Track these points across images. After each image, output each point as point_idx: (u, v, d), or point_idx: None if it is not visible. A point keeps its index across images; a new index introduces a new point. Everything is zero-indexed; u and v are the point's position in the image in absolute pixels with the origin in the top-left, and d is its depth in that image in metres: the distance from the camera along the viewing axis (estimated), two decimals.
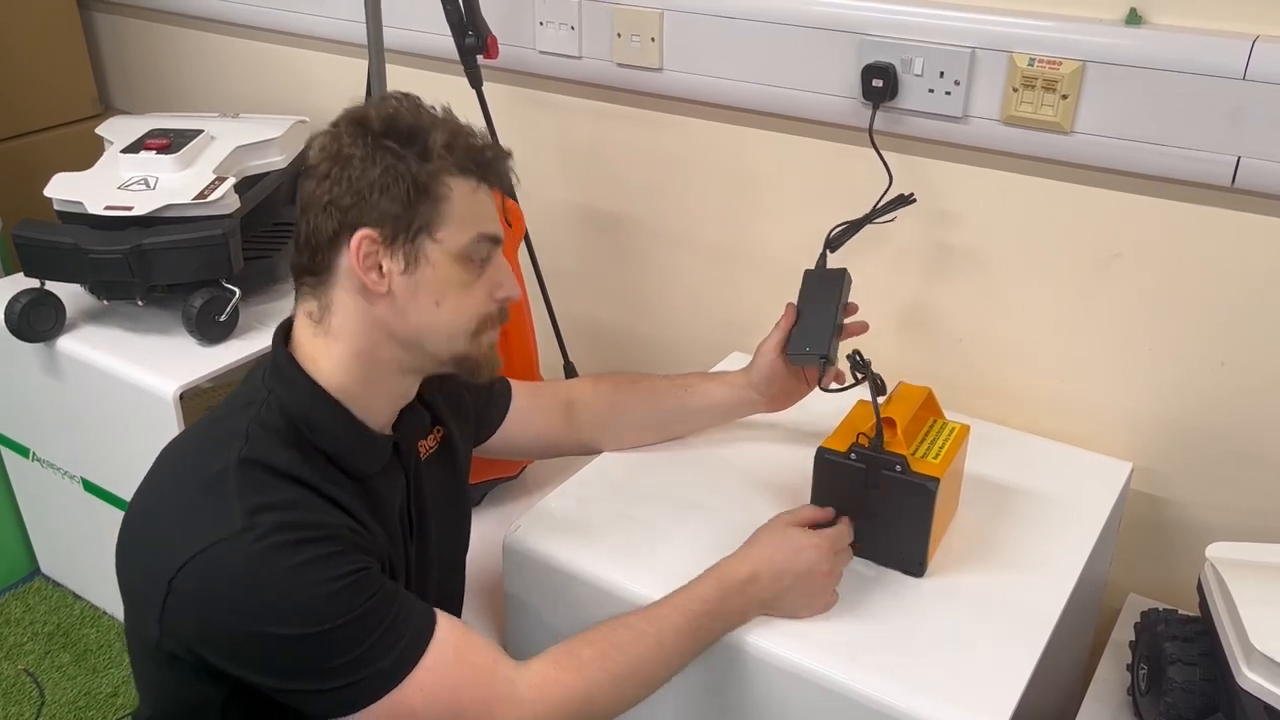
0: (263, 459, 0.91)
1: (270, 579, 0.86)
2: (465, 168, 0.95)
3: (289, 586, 0.86)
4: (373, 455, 0.99)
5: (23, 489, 1.92)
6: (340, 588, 0.87)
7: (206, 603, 0.87)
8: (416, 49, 1.78)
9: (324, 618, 0.86)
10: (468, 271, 0.96)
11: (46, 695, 1.78)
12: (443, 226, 0.94)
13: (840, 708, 1.00)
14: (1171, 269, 1.28)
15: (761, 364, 1.25)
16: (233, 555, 0.86)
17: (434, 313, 0.96)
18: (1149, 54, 1.19)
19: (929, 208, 1.41)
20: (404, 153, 0.92)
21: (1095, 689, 1.22)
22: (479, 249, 0.96)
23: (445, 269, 0.95)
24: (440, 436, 1.13)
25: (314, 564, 0.87)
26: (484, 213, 0.97)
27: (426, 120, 0.95)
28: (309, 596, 0.86)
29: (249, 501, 0.88)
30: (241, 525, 0.86)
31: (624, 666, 0.97)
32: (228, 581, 0.86)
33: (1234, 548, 1.09)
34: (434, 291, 0.95)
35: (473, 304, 0.98)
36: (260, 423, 0.94)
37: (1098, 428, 1.39)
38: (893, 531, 1.10)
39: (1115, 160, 1.26)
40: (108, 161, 1.69)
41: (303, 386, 0.96)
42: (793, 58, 1.42)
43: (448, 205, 0.94)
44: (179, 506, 0.92)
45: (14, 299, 1.58)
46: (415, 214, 0.93)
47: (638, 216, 1.70)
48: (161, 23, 2.21)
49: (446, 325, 0.97)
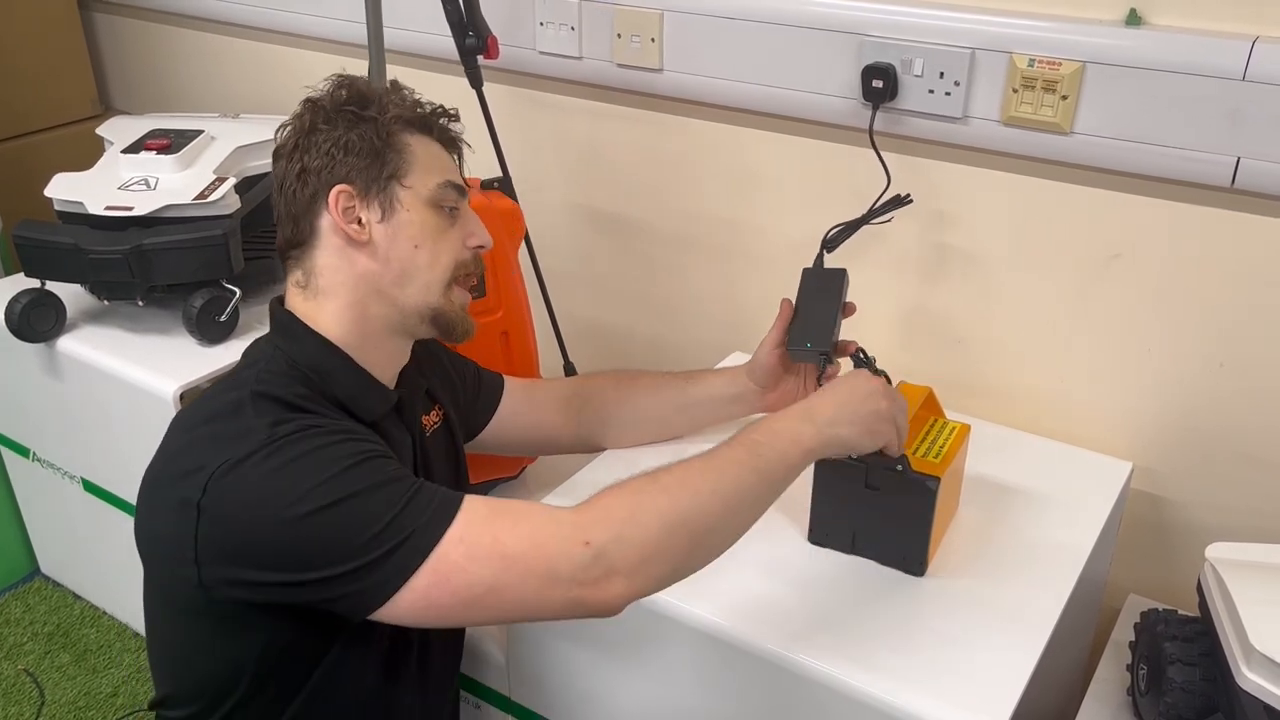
0: (276, 393, 0.94)
1: (298, 464, 0.88)
2: (416, 123, 1.03)
3: (317, 465, 0.88)
4: (380, 400, 1.03)
5: (23, 489, 1.92)
6: (362, 459, 0.89)
7: (239, 512, 0.87)
8: (417, 49, 1.78)
9: (350, 483, 0.87)
10: (440, 217, 1.03)
11: (46, 695, 1.78)
12: (410, 174, 1.01)
13: (840, 707, 1.00)
14: (1171, 269, 1.28)
15: (761, 359, 1.26)
16: (254, 457, 0.88)
17: (413, 256, 1.01)
18: (1149, 55, 1.19)
19: (929, 208, 1.41)
20: (361, 114, 1.01)
21: (1095, 689, 1.23)
22: (446, 195, 1.03)
23: (419, 213, 1.01)
24: (442, 415, 1.16)
25: (335, 445, 0.90)
26: (445, 163, 1.05)
27: (374, 88, 1.04)
28: (334, 469, 0.87)
29: (269, 419, 0.91)
30: (266, 437, 0.89)
31: (684, 491, 0.90)
32: (257, 483, 0.87)
33: (1234, 548, 1.09)
34: (412, 235, 1.01)
35: (449, 249, 1.03)
36: (270, 369, 0.97)
37: (1098, 428, 1.39)
38: (893, 531, 1.11)
39: (1115, 161, 1.26)
40: (108, 162, 1.69)
41: (308, 338, 1.00)
42: (793, 58, 1.42)
43: (410, 154, 1.02)
44: (197, 442, 0.93)
45: (14, 299, 1.58)
46: (383, 164, 1.00)
47: (638, 217, 1.70)
48: (161, 23, 2.21)
49: (425, 270, 1.02)
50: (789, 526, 1.19)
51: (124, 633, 1.87)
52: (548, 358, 1.59)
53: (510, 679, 1.29)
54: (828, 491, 1.13)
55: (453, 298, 1.04)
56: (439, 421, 1.16)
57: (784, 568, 1.13)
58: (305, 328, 1.01)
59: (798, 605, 1.08)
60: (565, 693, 1.23)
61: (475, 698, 1.35)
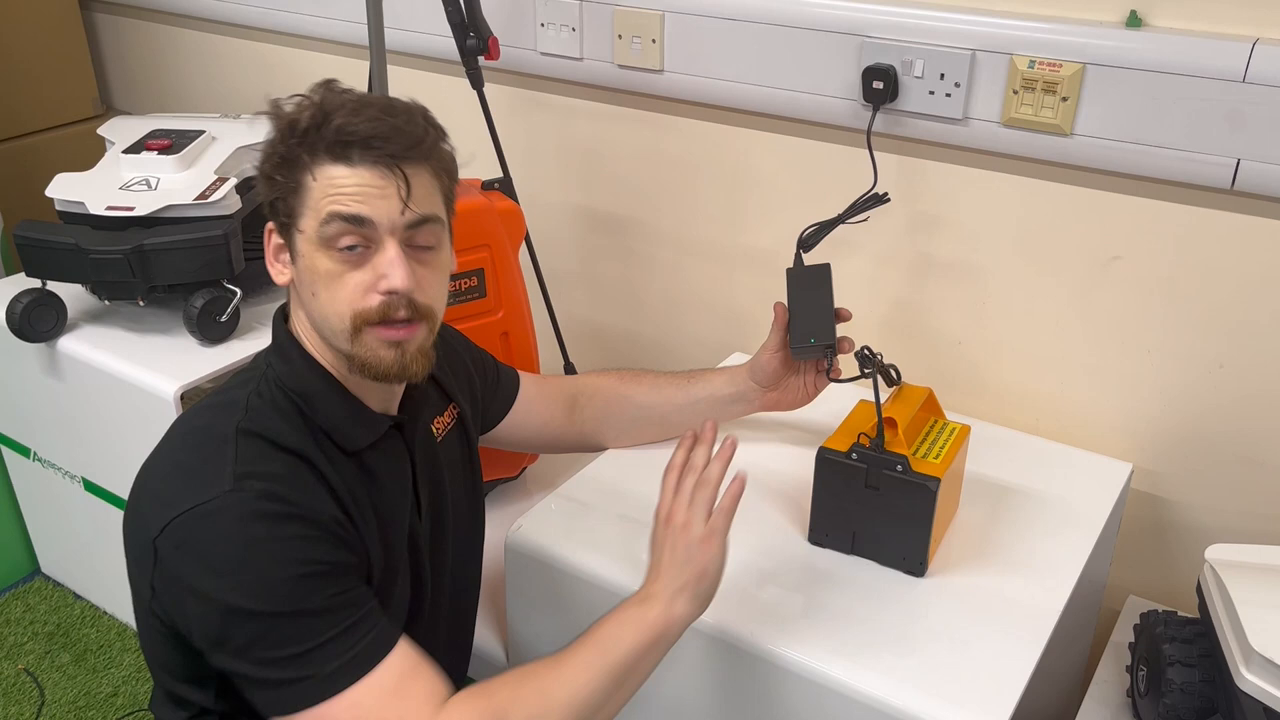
0: (259, 429, 0.92)
1: (242, 546, 0.86)
2: (320, 151, 0.90)
3: (258, 558, 0.86)
4: (364, 429, 0.99)
5: (23, 489, 1.92)
6: (307, 574, 0.87)
7: (184, 571, 0.88)
8: (418, 50, 1.78)
9: (281, 600, 0.86)
10: (333, 260, 0.91)
11: (46, 695, 1.78)
12: (303, 215, 0.92)
13: (840, 707, 1.00)
14: (1171, 271, 1.28)
15: (762, 362, 1.26)
16: (213, 517, 0.87)
17: (314, 306, 0.94)
18: (1149, 56, 1.19)
19: (929, 210, 1.41)
20: (275, 147, 0.93)
21: (1094, 690, 1.23)
22: (333, 232, 0.90)
23: (311, 259, 0.92)
24: (456, 413, 1.14)
25: (288, 542, 0.87)
26: (343, 193, 0.89)
27: (310, 105, 0.92)
28: (274, 575, 0.86)
29: (239, 468, 0.89)
30: (228, 488, 0.87)
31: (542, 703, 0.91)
32: (204, 543, 0.87)
33: (1233, 550, 1.10)
34: (308, 284, 0.93)
35: (344, 296, 0.91)
36: (259, 394, 0.95)
37: (1098, 429, 1.39)
38: (893, 531, 1.11)
39: (1115, 162, 1.26)
40: (109, 162, 1.69)
41: (298, 361, 0.98)
42: (793, 60, 1.42)
43: (304, 193, 0.91)
44: (173, 472, 0.93)
45: (15, 299, 1.58)
46: (282, 205, 0.93)
47: (638, 218, 1.70)
48: (163, 23, 2.22)
49: (324, 318, 0.93)
50: (789, 527, 1.19)
51: (124, 632, 1.87)
52: (547, 357, 1.59)
53: None
54: (828, 492, 1.13)
55: (366, 342, 0.92)
56: (453, 421, 1.13)
57: (784, 568, 1.13)
58: (297, 348, 0.98)
59: (798, 605, 1.09)
60: None
61: None
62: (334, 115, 0.90)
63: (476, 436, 1.19)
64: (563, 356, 1.69)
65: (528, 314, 1.50)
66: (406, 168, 0.91)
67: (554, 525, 1.20)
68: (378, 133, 0.90)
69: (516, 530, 1.19)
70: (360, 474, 0.98)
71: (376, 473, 1.00)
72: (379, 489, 1.00)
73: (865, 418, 1.13)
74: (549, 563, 1.16)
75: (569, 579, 1.15)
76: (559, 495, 1.25)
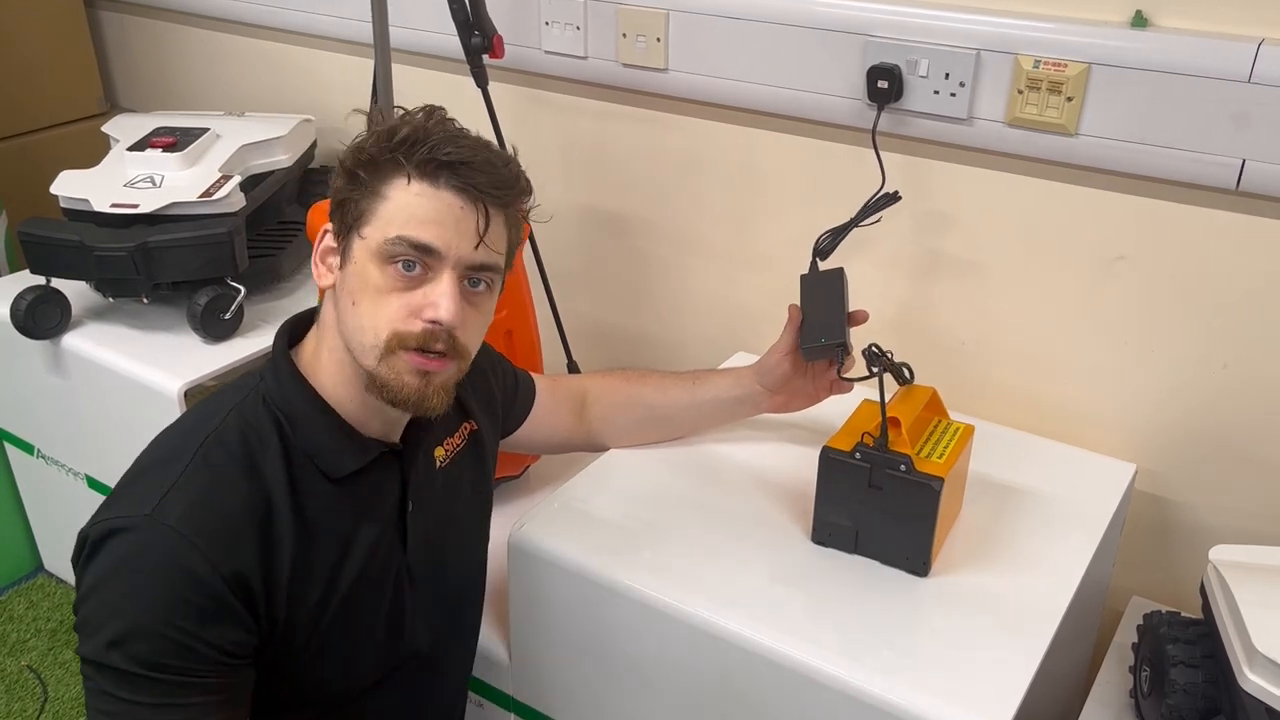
0: (220, 453, 0.91)
1: (126, 578, 0.86)
2: (414, 165, 0.89)
3: (138, 606, 0.86)
4: (351, 455, 0.97)
5: (27, 486, 1.92)
6: (174, 642, 0.85)
7: (87, 568, 0.89)
8: (422, 48, 1.78)
9: (135, 655, 0.85)
10: (386, 276, 0.90)
11: (50, 691, 1.78)
12: (370, 223, 0.91)
13: (842, 707, 1.00)
14: (1176, 271, 1.28)
15: (770, 364, 1.25)
16: (118, 537, 0.88)
17: (350, 314, 0.92)
18: (1154, 57, 1.19)
19: (933, 209, 1.41)
20: (366, 146, 0.92)
21: (1097, 691, 1.23)
22: (398, 251, 0.89)
23: (363, 267, 0.91)
24: (469, 432, 1.12)
25: (173, 605, 0.86)
26: (420, 216, 0.89)
27: (412, 121, 0.92)
28: (143, 628, 0.85)
29: (172, 493, 0.88)
30: (146, 512, 0.87)
31: None
32: (104, 557, 0.88)
33: (1237, 550, 1.10)
34: (352, 291, 0.92)
35: (385, 313, 0.90)
36: (240, 412, 0.94)
37: (1101, 429, 1.39)
38: (896, 531, 1.11)
39: (1120, 162, 1.26)
40: (114, 159, 1.69)
41: (288, 380, 0.96)
42: (798, 59, 1.42)
43: (379, 200, 0.90)
44: (127, 477, 0.94)
45: (19, 296, 1.58)
46: (351, 206, 0.92)
47: (643, 216, 1.70)
48: (167, 21, 2.22)
49: (358, 330, 0.91)
50: (792, 526, 1.19)
51: None
52: (551, 356, 1.60)
53: (514, 678, 1.29)
54: (831, 491, 1.13)
55: (395, 365, 0.91)
56: (463, 442, 1.11)
57: (787, 567, 1.13)
58: (290, 367, 0.96)
59: (800, 605, 1.09)
60: (568, 692, 1.23)
61: (479, 696, 1.35)
62: (433, 134, 0.90)
63: (493, 452, 1.18)
64: (566, 355, 1.69)
65: (531, 313, 1.50)
66: (490, 205, 0.91)
67: (557, 524, 1.20)
68: (471, 162, 0.90)
69: (519, 529, 1.19)
70: (341, 503, 0.97)
71: (358, 503, 0.98)
72: (359, 520, 0.98)
73: (869, 417, 1.13)
74: (551, 561, 1.16)
75: (571, 577, 1.15)
76: (562, 494, 1.25)
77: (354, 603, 0.98)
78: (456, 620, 1.15)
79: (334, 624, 0.97)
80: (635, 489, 1.26)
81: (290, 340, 1.00)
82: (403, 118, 0.93)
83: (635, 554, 1.15)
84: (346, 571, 0.97)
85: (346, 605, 0.97)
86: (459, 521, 1.11)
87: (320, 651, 0.97)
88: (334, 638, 0.97)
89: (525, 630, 1.24)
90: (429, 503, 1.06)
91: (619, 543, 1.17)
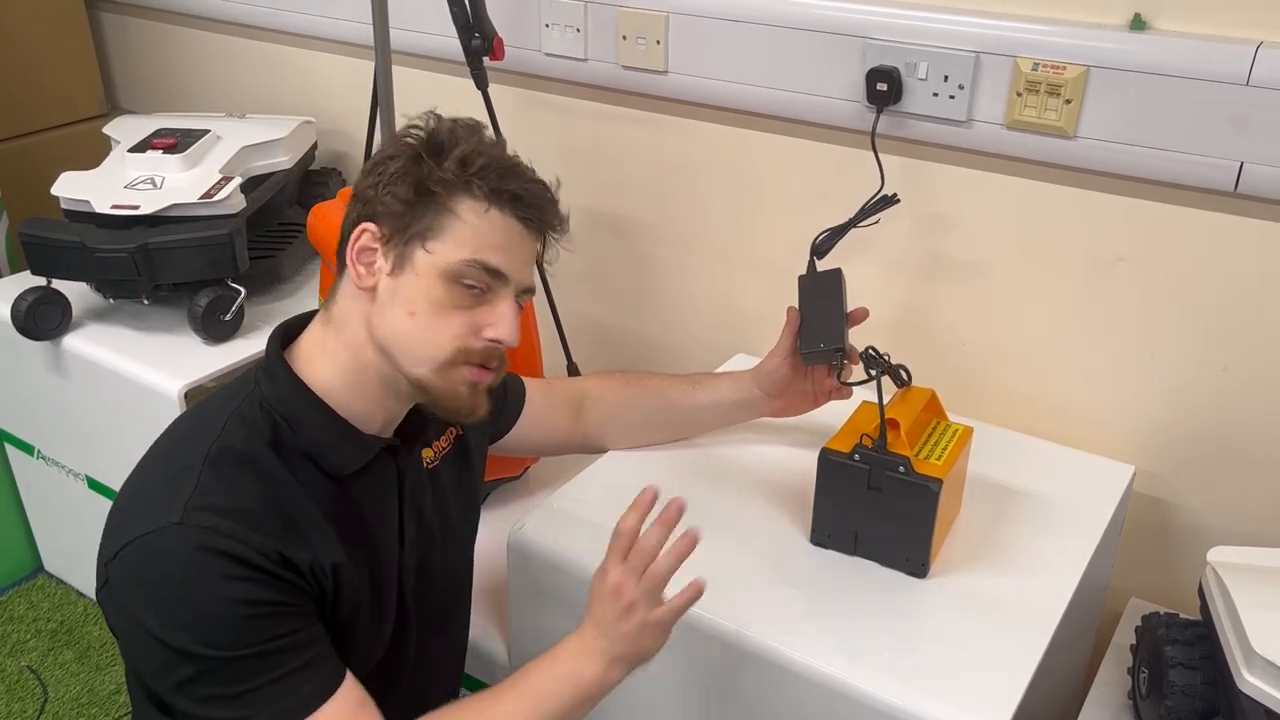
0: (228, 458, 0.91)
1: (184, 583, 0.86)
2: (488, 191, 0.93)
3: (198, 597, 0.86)
4: (352, 453, 0.98)
5: (27, 486, 1.92)
6: (249, 615, 0.86)
7: (129, 593, 0.88)
8: (423, 50, 1.78)
9: (220, 642, 0.85)
10: (453, 293, 0.93)
11: (49, 692, 1.78)
12: (438, 239, 0.93)
13: (841, 708, 1.00)
14: (1174, 273, 1.29)
15: (769, 367, 1.26)
16: (156, 550, 0.87)
17: (406, 323, 0.93)
18: (1153, 59, 1.19)
19: (932, 211, 1.42)
20: (427, 160, 0.93)
21: (1096, 692, 1.23)
22: (470, 273, 0.92)
23: (429, 282, 0.93)
24: (454, 436, 1.13)
25: (231, 583, 0.86)
26: (492, 241, 0.93)
27: (467, 138, 0.95)
28: (214, 615, 0.85)
29: (194, 499, 0.88)
30: (175, 520, 0.87)
31: None
32: (148, 576, 0.87)
33: (1235, 552, 1.10)
34: (410, 301, 0.93)
35: (449, 329, 0.93)
36: (240, 417, 0.94)
37: (1100, 431, 1.39)
38: (895, 532, 1.11)
39: (1118, 165, 1.26)
40: (114, 161, 1.69)
41: (285, 383, 0.96)
42: (797, 61, 1.42)
43: (451, 219, 0.93)
44: (136, 493, 0.93)
45: (20, 297, 1.58)
46: (414, 218, 0.93)
47: (642, 218, 1.70)
48: (168, 23, 2.22)
49: (416, 342, 0.93)
50: (791, 527, 1.19)
51: None
52: (551, 358, 1.60)
53: None
54: (830, 493, 1.13)
55: (452, 377, 0.95)
56: (449, 446, 1.12)
57: (786, 569, 1.13)
58: (286, 370, 0.96)
59: (799, 606, 1.09)
60: None
61: None
62: (500, 161, 0.95)
63: (481, 456, 1.18)
64: (566, 357, 1.69)
65: (531, 315, 1.51)
66: (545, 238, 1.00)
67: (556, 525, 1.20)
68: (538, 198, 0.96)
69: (519, 530, 1.19)
70: (344, 503, 0.97)
71: (362, 501, 0.99)
72: (364, 519, 0.99)
73: (868, 419, 1.13)
74: (551, 562, 1.17)
75: (571, 578, 1.15)
76: (561, 495, 1.25)
77: (359, 601, 0.98)
78: (445, 623, 1.15)
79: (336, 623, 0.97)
80: (634, 490, 1.25)
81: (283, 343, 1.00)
82: (470, 138, 0.95)
83: None
84: (349, 571, 0.97)
85: (350, 605, 0.98)
86: (445, 524, 1.11)
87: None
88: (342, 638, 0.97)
89: (524, 631, 1.24)
90: (420, 503, 1.06)
91: None
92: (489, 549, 1.22)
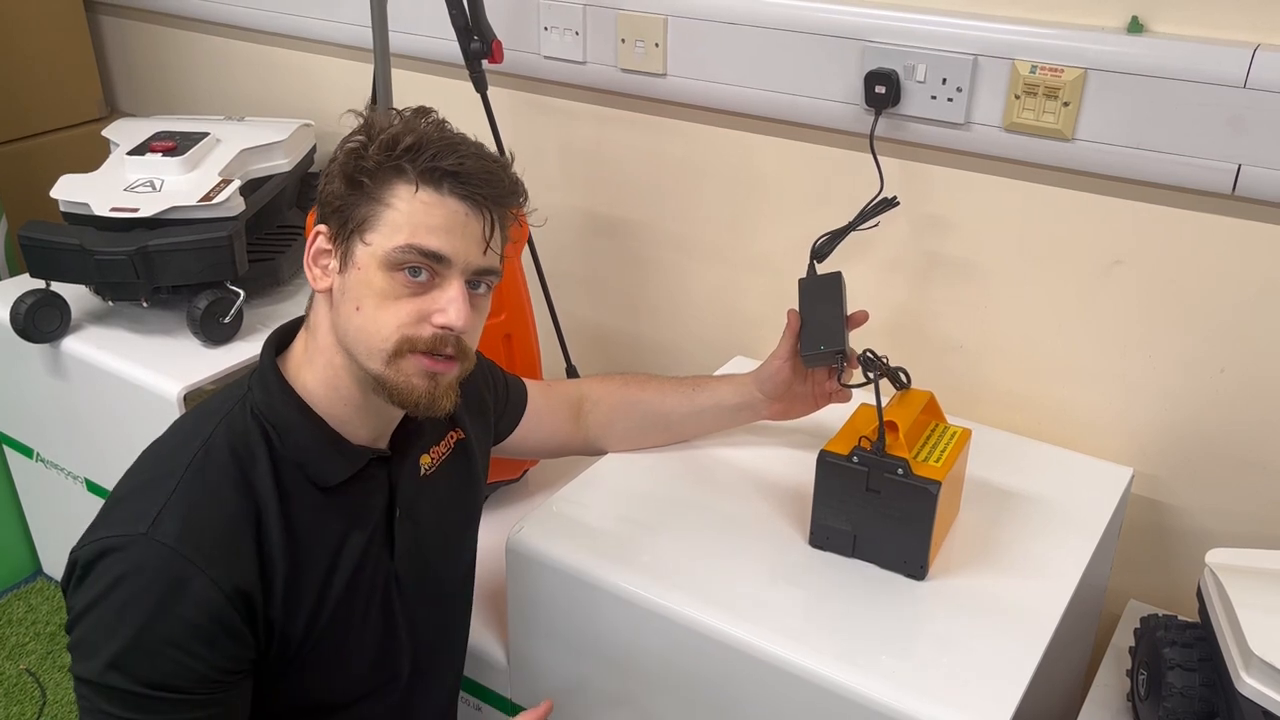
0: (213, 466, 0.91)
1: (125, 606, 0.86)
2: (418, 173, 0.90)
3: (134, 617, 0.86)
4: (340, 463, 0.97)
5: (26, 489, 1.92)
6: (171, 659, 0.86)
7: (80, 588, 0.88)
8: (422, 53, 1.78)
9: (131, 670, 0.85)
10: (394, 282, 0.90)
11: (48, 695, 1.78)
12: (374, 229, 0.90)
13: (840, 710, 1.00)
14: (1172, 275, 1.29)
15: (769, 369, 1.26)
16: (113, 556, 0.87)
17: (355, 319, 0.92)
18: (1151, 62, 1.19)
19: (930, 214, 1.42)
20: (365, 151, 0.91)
21: (1095, 694, 1.23)
22: (406, 258, 0.89)
23: (369, 274, 0.90)
24: (455, 440, 1.12)
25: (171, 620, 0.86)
26: (427, 223, 0.90)
27: (413, 128, 0.92)
28: (140, 646, 0.85)
29: (166, 510, 0.88)
30: (141, 530, 0.87)
31: None
32: (100, 578, 0.87)
33: (1234, 554, 1.10)
34: (357, 297, 0.91)
35: (392, 318, 0.90)
36: (230, 425, 0.94)
37: (1099, 433, 1.39)
38: (894, 534, 1.11)
39: (1116, 167, 1.26)
40: (114, 163, 1.69)
41: (276, 391, 0.96)
42: (796, 64, 1.43)
43: (381, 207, 0.90)
44: (118, 496, 0.94)
45: (19, 299, 1.58)
46: (350, 212, 0.92)
47: (641, 221, 1.70)
48: (167, 26, 2.22)
49: (363, 336, 0.91)
50: (790, 530, 1.19)
51: None
52: (550, 360, 1.60)
53: (511, 681, 1.29)
54: (829, 495, 1.13)
55: (404, 368, 0.92)
56: (449, 451, 1.11)
57: (785, 571, 1.13)
58: (277, 377, 0.96)
59: (798, 608, 1.09)
60: (566, 695, 1.23)
61: (477, 700, 1.35)
62: (434, 140, 0.91)
63: (484, 459, 1.18)
64: (565, 359, 1.69)
65: (530, 317, 1.51)
66: (495, 213, 0.93)
67: (554, 527, 1.20)
68: (478, 172, 0.91)
69: (517, 532, 1.19)
70: (330, 512, 0.97)
71: (350, 510, 0.99)
72: (348, 529, 0.98)
73: (866, 421, 1.13)
74: (549, 565, 1.17)
75: (569, 581, 1.15)
76: (560, 498, 1.25)
77: (344, 612, 0.98)
78: (444, 628, 1.15)
79: (325, 634, 0.97)
80: (633, 493, 1.26)
81: (277, 350, 1.00)
82: (402, 123, 0.92)
83: (633, 557, 1.15)
84: (336, 581, 0.97)
85: (337, 615, 0.98)
86: (445, 529, 1.11)
87: (312, 662, 0.97)
88: (325, 648, 0.97)
89: (523, 633, 1.24)
90: (416, 511, 1.06)
91: (617, 546, 1.17)
92: (487, 551, 1.22)
